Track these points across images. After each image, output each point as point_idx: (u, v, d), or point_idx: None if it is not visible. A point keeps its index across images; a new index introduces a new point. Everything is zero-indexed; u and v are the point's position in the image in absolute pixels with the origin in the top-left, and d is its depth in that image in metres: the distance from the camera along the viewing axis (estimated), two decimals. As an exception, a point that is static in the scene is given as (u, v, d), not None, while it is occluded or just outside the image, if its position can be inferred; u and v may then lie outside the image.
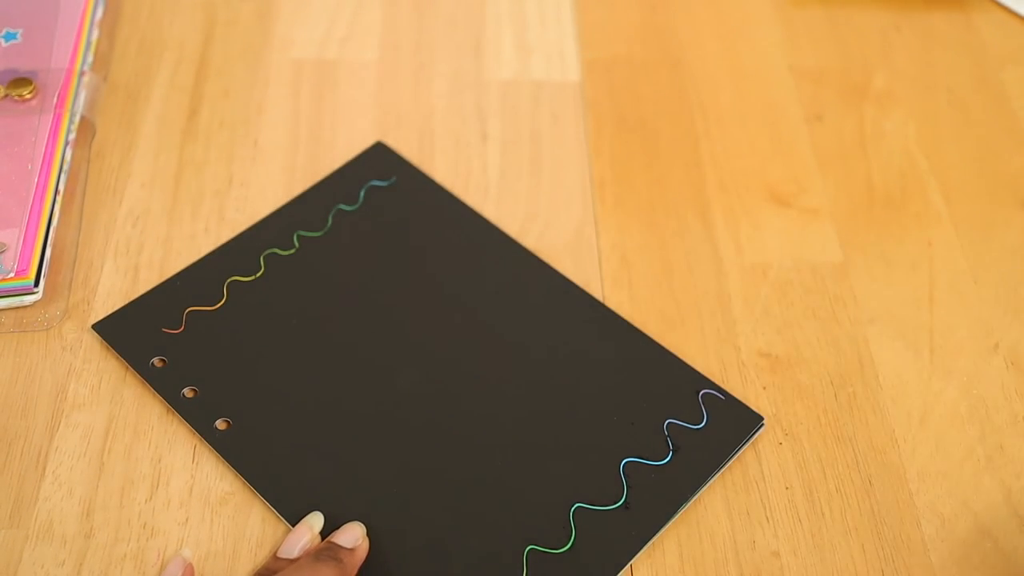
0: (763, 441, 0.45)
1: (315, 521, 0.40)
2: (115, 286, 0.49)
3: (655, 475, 0.43)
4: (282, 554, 0.39)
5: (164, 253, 0.50)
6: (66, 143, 0.52)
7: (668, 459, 0.43)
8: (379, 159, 0.54)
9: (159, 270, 0.49)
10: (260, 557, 0.41)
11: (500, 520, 0.41)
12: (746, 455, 0.44)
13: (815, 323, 0.49)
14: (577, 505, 0.42)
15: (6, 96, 0.52)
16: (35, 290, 0.47)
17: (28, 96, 0.52)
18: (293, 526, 0.41)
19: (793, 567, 0.42)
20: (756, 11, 0.64)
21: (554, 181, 0.54)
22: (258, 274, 0.49)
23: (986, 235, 0.53)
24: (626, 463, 0.43)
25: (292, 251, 0.49)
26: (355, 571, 0.39)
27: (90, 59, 0.56)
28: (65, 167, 0.51)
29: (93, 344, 0.46)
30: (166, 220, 0.51)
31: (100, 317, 0.47)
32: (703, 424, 0.44)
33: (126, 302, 0.47)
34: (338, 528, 0.40)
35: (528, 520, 0.41)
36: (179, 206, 0.52)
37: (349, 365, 0.46)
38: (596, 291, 0.50)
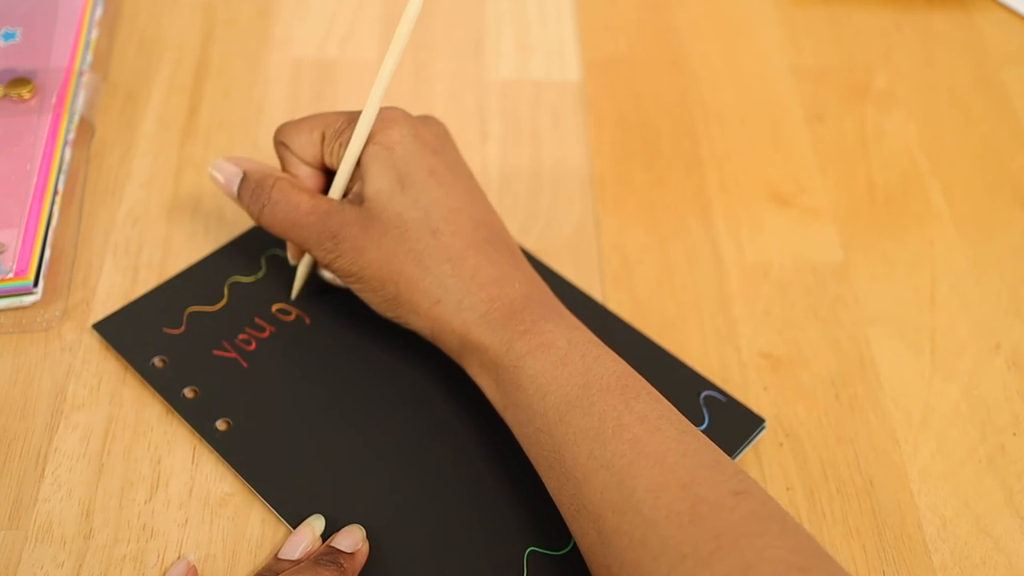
0: (764, 442, 0.45)
1: (317, 523, 0.40)
2: (115, 286, 0.48)
3: (656, 476, 0.43)
4: (283, 555, 0.39)
5: (164, 253, 0.50)
6: (65, 143, 0.51)
7: (669, 460, 0.43)
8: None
9: (159, 270, 0.49)
10: (260, 559, 0.41)
11: (501, 522, 0.41)
12: (747, 456, 0.44)
13: (816, 323, 0.49)
14: (578, 506, 0.42)
15: (5, 96, 0.52)
16: (34, 290, 0.47)
17: (27, 96, 0.52)
18: (293, 528, 0.40)
19: (794, 568, 0.42)
20: (757, 10, 0.64)
21: (554, 181, 0.54)
22: (259, 274, 0.48)
23: (987, 235, 0.53)
24: (627, 464, 0.43)
25: (292, 251, 0.49)
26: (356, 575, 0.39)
27: (89, 59, 0.56)
28: (64, 167, 0.51)
29: (92, 345, 0.46)
30: (166, 220, 0.51)
31: (99, 318, 0.47)
32: (704, 426, 0.44)
33: (126, 302, 0.47)
34: (338, 530, 0.40)
35: (529, 522, 0.41)
36: (179, 206, 0.52)
37: (350, 366, 0.46)
38: (596, 291, 0.50)
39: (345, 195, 0.43)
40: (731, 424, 0.44)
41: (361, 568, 0.39)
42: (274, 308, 0.47)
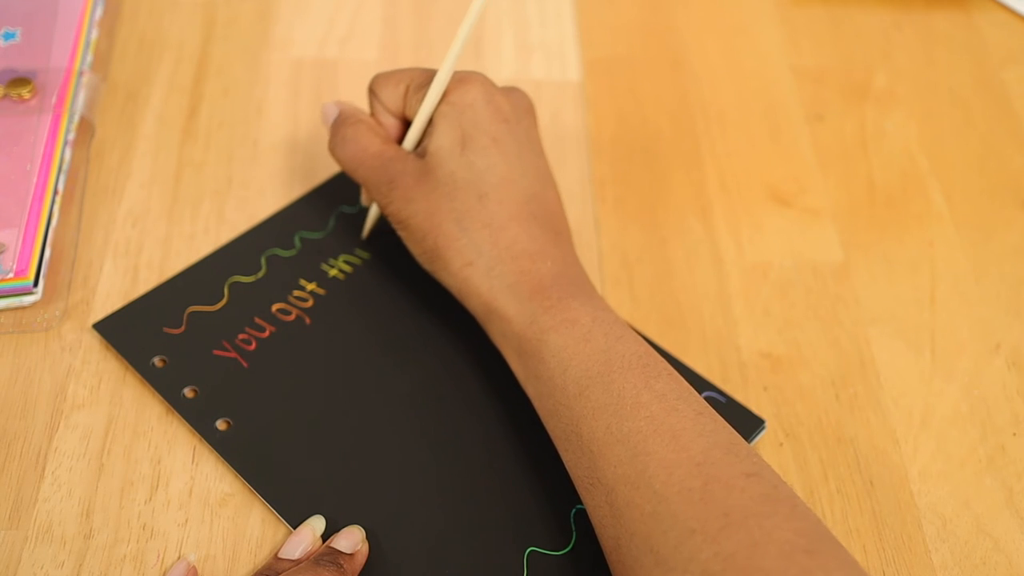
0: (764, 442, 0.45)
1: (317, 523, 0.40)
2: (115, 286, 0.49)
3: (656, 476, 0.43)
4: (283, 554, 0.39)
5: (164, 253, 0.50)
6: (65, 143, 0.51)
7: (669, 460, 0.43)
8: (379, 159, 0.54)
9: (159, 270, 0.49)
10: (260, 559, 0.41)
11: (501, 522, 0.41)
12: (747, 456, 0.44)
13: (816, 323, 0.49)
14: (578, 507, 0.42)
15: (5, 96, 0.52)
16: (34, 290, 0.47)
17: (27, 96, 0.52)
18: (293, 528, 0.40)
19: (794, 568, 0.42)
20: (757, 10, 0.64)
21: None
22: (259, 274, 0.48)
23: (987, 235, 0.53)
24: (627, 464, 0.43)
25: (293, 252, 0.49)
26: None
27: (89, 59, 0.56)
28: (64, 167, 0.51)
29: (93, 344, 0.46)
30: (166, 220, 0.51)
31: (99, 318, 0.47)
32: (704, 425, 0.44)
33: (126, 302, 0.47)
34: (338, 531, 0.40)
35: (529, 522, 0.41)
36: (179, 206, 0.52)
37: (350, 366, 0.46)
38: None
39: (417, 147, 0.45)
40: (731, 425, 0.44)
41: (361, 568, 0.39)
42: (274, 308, 0.47)
